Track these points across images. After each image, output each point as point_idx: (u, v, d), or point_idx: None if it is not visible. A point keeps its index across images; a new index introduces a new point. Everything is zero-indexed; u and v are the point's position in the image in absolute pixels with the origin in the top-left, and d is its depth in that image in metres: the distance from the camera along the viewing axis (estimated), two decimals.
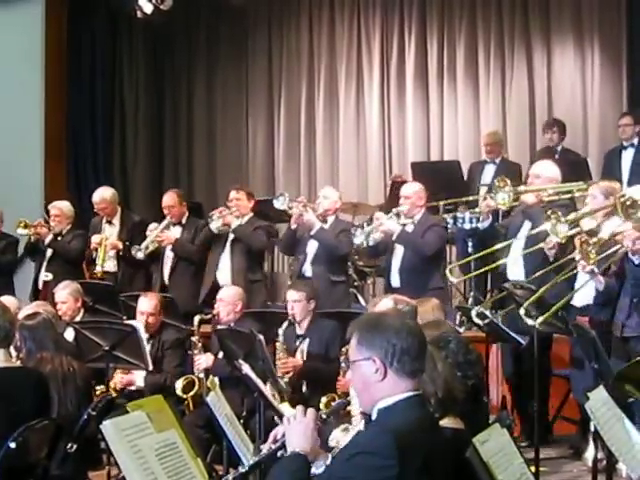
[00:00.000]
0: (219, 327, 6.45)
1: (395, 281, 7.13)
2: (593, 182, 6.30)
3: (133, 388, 6.59)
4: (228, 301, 6.69)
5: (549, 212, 5.84)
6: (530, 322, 5.27)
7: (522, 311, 5.28)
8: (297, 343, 6.30)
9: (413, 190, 7.27)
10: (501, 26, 10.65)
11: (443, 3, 10.95)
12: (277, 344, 6.14)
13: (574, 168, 8.15)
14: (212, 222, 7.88)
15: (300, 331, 6.34)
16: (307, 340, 6.28)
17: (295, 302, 6.31)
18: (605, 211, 5.82)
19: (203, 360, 6.52)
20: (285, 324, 6.24)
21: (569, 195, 6.66)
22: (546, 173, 6.69)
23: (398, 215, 7.14)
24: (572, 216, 5.88)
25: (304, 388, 6.11)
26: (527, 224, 6.54)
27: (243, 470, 3.13)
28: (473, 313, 5.84)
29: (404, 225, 7.06)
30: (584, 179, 6.64)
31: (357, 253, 8.08)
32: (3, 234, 9.02)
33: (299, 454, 2.87)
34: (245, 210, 7.98)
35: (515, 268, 6.53)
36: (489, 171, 8.90)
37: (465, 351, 3.94)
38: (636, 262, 5.28)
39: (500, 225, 6.94)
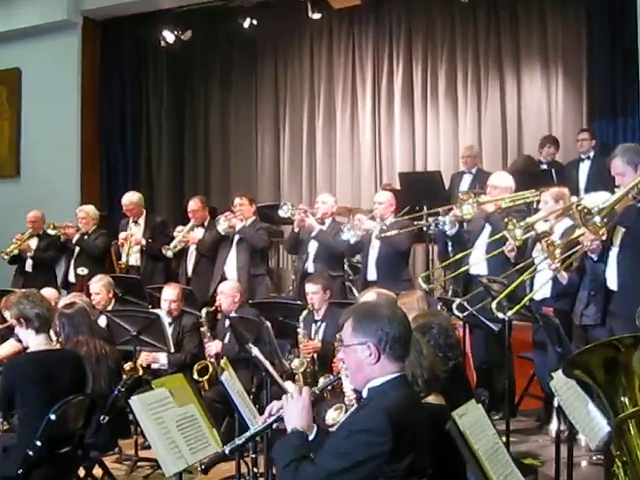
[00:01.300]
0: (232, 315, 6.47)
1: (372, 274, 7.22)
2: (544, 189, 6.29)
3: (156, 366, 6.62)
4: (228, 293, 6.73)
5: (506, 220, 5.89)
6: (500, 315, 5.26)
7: (494, 305, 5.27)
8: (315, 327, 6.32)
9: (385, 198, 7.45)
10: (477, 54, 10.64)
11: (427, 34, 10.94)
12: (298, 330, 6.17)
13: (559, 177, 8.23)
14: (219, 225, 7.93)
15: (318, 317, 6.36)
16: (324, 324, 6.30)
17: (314, 294, 6.34)
18: (557, 214, 5.85)
19: (213, 346, 6.58)
20: (305, 312, 6.26)
21: (524, 201, 6.72)
22: (502, 184, 6.75)
23: (374, 218, 7.34)
24: (527, 221, 5.91)
25: (316, 366, 6.12)
26: (487, 229, 6.58)
27: (240, 442, 3.09)
28: (454, 306, 5.84)
29: (381, 225, 7.18)
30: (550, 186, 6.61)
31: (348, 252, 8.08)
32: (45, 234, 9.05)
33: (299, 431, 2.87)
34: (248, 214, 8.00)
35: (479, 267, 6.56)
36: (466, 180, 8.91)
37: (446, 336, 3.95)
38: (594, 259, 5.30)
39: (465, 231, 6.97)
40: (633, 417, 2.58)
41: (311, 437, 2.90)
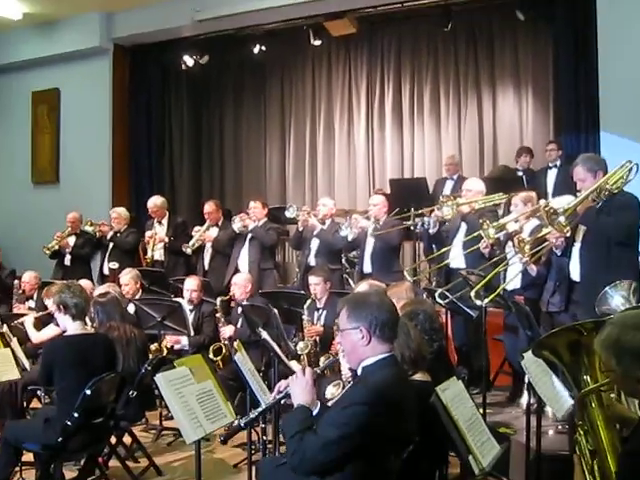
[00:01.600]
0: (244, 303, 6.47)
1: (367, 267, 7.20)
2: (514, 194, 6.30)
3: (178, 347, 6.63)
4: (240, 284, 6.75)
5: (481, 221, 5.90)
6: (478, 302, 5.27)
7: (472, 293, 5.28)
8: (317, 314, 6.31)
9: (379, 200, 7.42)
10: (457, 76, 10.64)
11: (414, 58, 10.94)
12: (303, 317, 6.16)
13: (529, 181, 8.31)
14: (234, 224, 7.94)
15: (320, 305, 6.33)
16: (325, 312, 6.28)
17: (316, 285, 6.32)
18: (526, 215, 5.85)
19: (227, 330, 6.59)
20: (309, 301, 6.25)
21: (493, 203, 6.72)
22: (475, 187, 6.79)
23: (369, 218, 7.34)
24: (499, 222, 5.93)
25: (318, 348, 6.11)
26: (463, 227, 6.58)
27: (253, 415, 3.13)
28: (437, 294, 5.84)
29: (375, 224, 7.20)
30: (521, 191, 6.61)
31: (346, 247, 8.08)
32: (82, 232, 9.08)
33: (303, 406, 2.90)
34: (261, 215, 8.00)
35: (457, 261, 6.56)
36: (449, 185, 8.89)
37: (431, 321, 3.97)
38: (559, 254, 5.31)
39: (444, 230, 6.98)
40: (594, 392, 2.59)
41: (315, 412, 2.92)
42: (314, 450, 2.72)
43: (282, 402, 3.14)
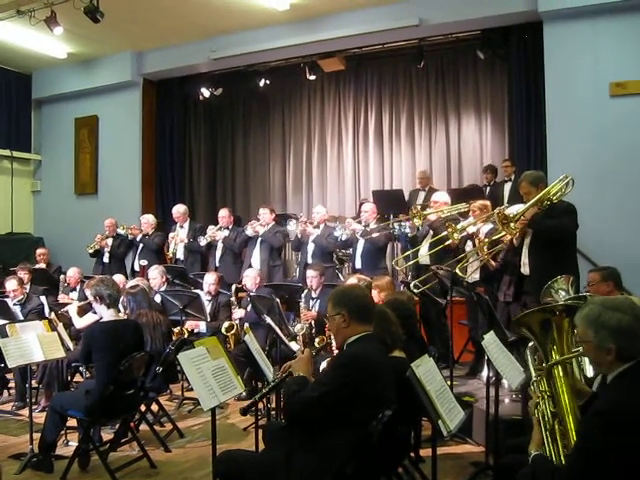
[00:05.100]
0: (252, 294, 6.46)
1: (358, 264, 7.19)
2: (472, 201, 6.31)
3: (197, 331, 6.61)
4: (251, 276, 6.80)
5: (447, 224, 5.93)
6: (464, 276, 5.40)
7: (457, 270, 5.38)
8: (312, 302, 6.31)
9: (370, 207, 7.47)
10: (429, 105, 10.65)
11: (392, 90, 10.94)
12: (301, 304, 6.16)
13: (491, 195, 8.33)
14: (247, 230, 7.97)
15: (314, 295, 6.35)
16: (318, 301, 6.29)
17: (313, 277, 6.34)
18: (482, 219, 5.86)
19: (238, 313, 6.60)
20: (305, 291, 6.29)
21: (457, 210, 6.71)
22: (441, 199, 6.81)
23: (360, 222, 7.32)
24: (461, 225, 5.94)
25: (312, 330, 6.11)
26: (430, 232, 6.59)
27: (265, 391, 3.20)
28: (412, 285, 5.84)
29: (365, 227, 7.18)
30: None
31: (337, 246, 8.07)
32: (118, 235, 9.08)
33: (302, 376, 2.95)
34: (269, 220, 8.00)
35: (426, 258, 6.59)
36: (421, 196, 8.90)
37: (407, 308, 3.96)
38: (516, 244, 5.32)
39: (418, 233, 6.99)
40: (560, 363, 2.59)
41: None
42: (307, 402, 2.76)
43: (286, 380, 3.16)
